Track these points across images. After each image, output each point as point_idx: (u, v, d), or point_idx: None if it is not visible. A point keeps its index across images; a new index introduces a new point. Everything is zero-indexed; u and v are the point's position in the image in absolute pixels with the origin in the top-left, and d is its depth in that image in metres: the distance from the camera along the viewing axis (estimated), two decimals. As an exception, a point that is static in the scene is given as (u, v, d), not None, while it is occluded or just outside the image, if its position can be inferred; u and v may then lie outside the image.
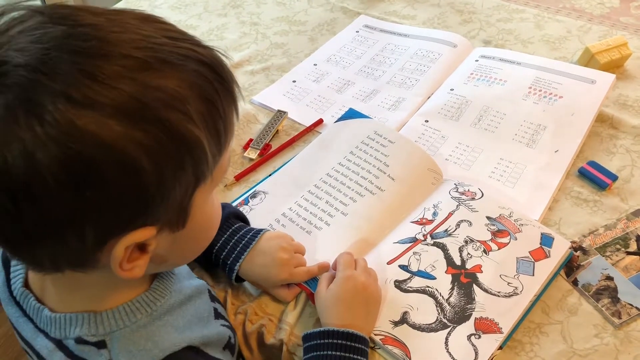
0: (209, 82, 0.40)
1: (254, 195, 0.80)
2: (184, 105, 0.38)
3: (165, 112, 0.37)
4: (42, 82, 0.34)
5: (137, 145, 0.36)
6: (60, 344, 0.47)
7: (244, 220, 0.73)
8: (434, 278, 0.67)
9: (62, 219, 0.36)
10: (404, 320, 0.64)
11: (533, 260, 0.69)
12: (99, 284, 0.47)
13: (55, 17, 0.37)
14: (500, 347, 0.63)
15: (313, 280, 0.68)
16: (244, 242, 0.68)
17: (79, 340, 0.45)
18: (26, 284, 0.50)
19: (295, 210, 0.77)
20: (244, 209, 0.78)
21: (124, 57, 0.36)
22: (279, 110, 0.95)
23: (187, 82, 0.38)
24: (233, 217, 0.71)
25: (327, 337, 0.59)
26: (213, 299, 0.60)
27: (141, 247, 0.42)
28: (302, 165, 0.83)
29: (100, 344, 0.45)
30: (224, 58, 0.43)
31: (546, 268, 0.68)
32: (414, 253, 0.70)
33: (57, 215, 0.36)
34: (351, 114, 0.91)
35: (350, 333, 0.59)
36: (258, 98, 1.00)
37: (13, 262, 0.51)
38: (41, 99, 0.34)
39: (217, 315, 0.58)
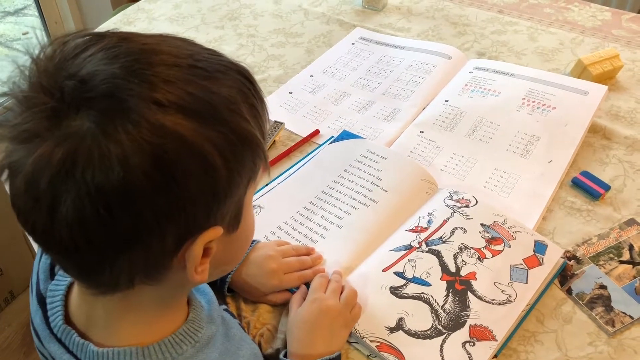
0: (248, 89, 0.43)
1: (250, 207, 0.81)
2: (239, 107, 0.41)
3: (229, 114, 0.40)
4: (131, 89, 0.36)
5: (212, 144, 0.38)
6: None
7: None
8: (429, 285, 0.68)
9: (151, 221, 0.38)
10: (399, 326, 0.64)
11: (527, 268, 0.69)
12: (152, 305, 0.47)
13: (120, 38, 0.40)
14: (495, 356, 0.63)
15: (307, 286, 0.69)
16: None
17: None
18: (67, 321, 0.49)
19: (291, 224, 0.78)
20: (240, 221, 0.78)
21: (190, 67, 0.40)
22: (275, 121, 0.96)
23: (235, 89, 0.42)
24: None
25: None
26: (233, 316, 0.60)
27: (205, 252, 0.43)
28: (298, 184, 0.84)
29: None
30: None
31: (540, 275, 0.69)
32: (409, 260, 0.70)
33: (147, 217, 0.37)
34: (345, 136, 0.92)
35: None
36: (255, 109, 1.01)
37: (49, 300, 0.50)
38: (132, 104, 0.36)
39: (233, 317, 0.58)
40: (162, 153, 0.36)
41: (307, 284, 0.69)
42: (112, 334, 0.47)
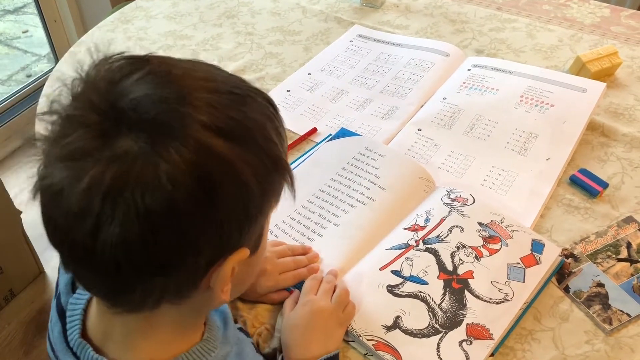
0: (273, 114, 0.45)
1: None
2: (269, 132, 0.43)
3: (262, 139, 0.42)
4: (181, 112, 0.38)
5: (250, 168, 0.39)
6: None
7: None
8: (426, 283, 0.68)
9: (191, 242, 0.38)
10: (396, 325, 0.64)
11: (524, 267, 0.69)
12: (171, 325, 0.47)
13: (162, 63, 0.42)
14: (492, 354, 0.63)
15: (302, 284, 0.69)
16: None
17: None
18: (83, 335, 0.49)
19: (288, 222, 0.78)
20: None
21: (227, 92, 0.41)
22: (273, 119, 0.96)
23: (265, 115, 0.43)
24: None
25: None
26: (258, 350, 0.60)
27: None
28: (295, 182, 0.84)
29: None
30: None
31: (537, 274, 0.69)
32: (406, 259, 0.70)
33: (188, 238, 0.38)
34: (342, 133, 0.92)
35: None
36: (252, 107, 1.01)
37: (69, 314, 0.50)
38: (182, 127, 0.37)
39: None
40: (207, 174, 0.37)
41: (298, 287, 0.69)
42: (129, 350, 0.47)
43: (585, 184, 0.82)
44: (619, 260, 0.73)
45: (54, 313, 0.53)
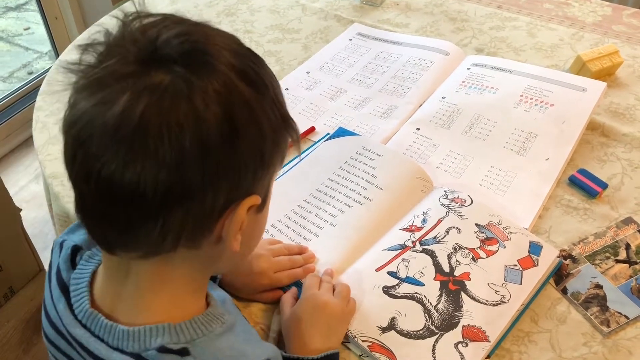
0: (278, 84, 0.48)
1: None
2: (278, 91, 0.46)
3: (275, 94, 0.45)
4: (212, 52, 0.41)
5: (265, 115, 0.43)
6: (139, 357, 0.46)
7: None
8: (423, 285, 0.67)
9: (212, 173, 0.40)
10: (391, 326, 0.64)
11: (521, 269, 0.69)
12: (180, 282, 0.48)
13: (185, 18, 0.44)
14: (489, 356, 0.63)
15: (297, 284, 0.68)
16: None
17: (162, 349, 0.45)
18: (92, 305, 0.49)
19: (285, 222, 0.77)
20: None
21: (248, 49, 0.45)
22: (271, 118, 0.95)
23: (274, 78, 0.47)
24: None
25: None
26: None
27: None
28: (292, 182, 0.84)
29: (183, 352, 0.46)
30: None
31: (534, 277, 0.68)
32: (403, 260, 0.70)
33: (210, 168, 0.40)
34: (341, 133, 0.91)
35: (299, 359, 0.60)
36: (250, 106, 1.00)
37: (72, 288, 0.51)
38: (214, 62, 0.40)
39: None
40: (233, 111, 0.40)
41: (298, 284, 0.68)
42: (142, 311, 0.47)
43: (584, 185, 0.82)
44: (618, 261, 0.73)
45: (55, 290, 0.52)
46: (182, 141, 0.38)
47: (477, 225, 0.73)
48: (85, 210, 0.43)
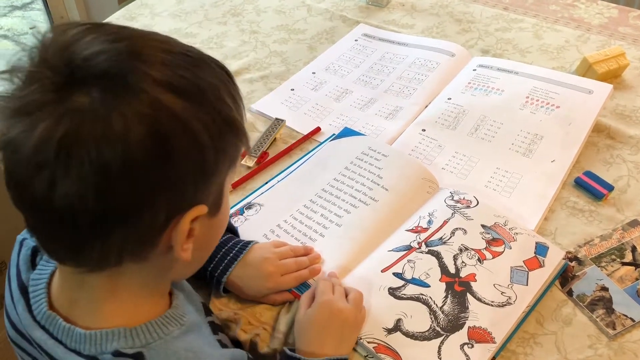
0: (228, 81, 0.47)
1: (249, 207, 0.80)
2: (223, 95, 0.44)
3: (215, 100, 0.43)
4: (133, 67, 0.39)
5: (202, 124, 0.41)
6: None
7: (233, 231, 0.73)
8: (428, 286, 0.67)
9: (146, 194, 0.40)
10: (397, 327, 0.64)
11: (527, 270, 0.69)
12: (136, 288, 0.48)
13: (118, 27, 0.43)
14: (494, 358, 0.63)
15: (304, 285, 0.68)
16: (231, 254, 0.68)
17: (116, 353, 0.46)
18: (51, 307, 0.50)
19: (290, 222, 0.78)
20: (239, 219, 0.78)
21: (181, 54, 0.43)
22: (276, 119, 0.95)
23: (219, 79, 0.45)
24: None
25: None
26: (216, 330, 0.60)
27: (189, 233, 0.46)
28: (298, 182, 0.84)
29: (138, 356, 0.47)
30: None
31: (540, 278, 0.68)
32: (409, 261, 0.70)
33: (143, 189, 0.40)
34: (346, 133, 0.91)
35: None
36: (256, 106, 1.01)
37: (32, 289, 0.51)
38: (133, 80, 0.39)
39: (223, 346, 0.58)
40: (160, 128, 0.39)
41: (305, 285, 0.68)
42: (98, 315, 0.48)
43: (590, 187, 0.82)
44: (624, 264, 0.72)
45: (15, 292, 0.53)
46: (104, 164, 0.37)
47: (482, 226, 0.73)
48: (31, 228, 0.43)
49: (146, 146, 0.38)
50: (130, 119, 0.38)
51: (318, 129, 0.95)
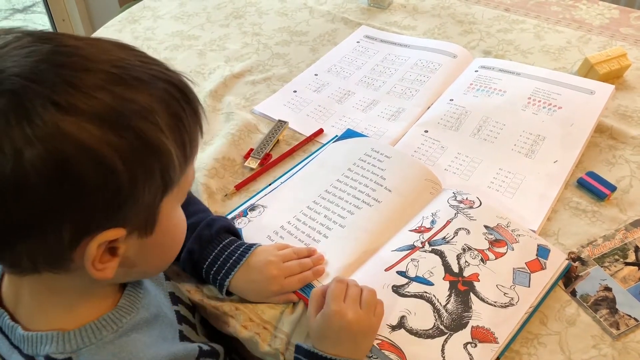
0: (175, 99, 0.45)
1: (252, 208, 0.80)
2: (154, 116, 0.43)
3: (137, 122, 0.42)
4: (32, 89, 0.39)
5: (112, 149, 0.40)
6: None
7: (236, 234, 0.73)
8: (432, 284, 0.67)
9: (43, 216, 0.40)
10: (401, 324, 0.64)
11: (529, 272, 0.69)
12: (72, 291, 0.49)
13: (43, 38, 0.42)
14: (498, 358, 0.63)
15: (308, 287, 0.68)
16: (234, 258, 0.68)
17: (48, 358, 0.47)
18: (0, 303, 0.51)
19: (294, 224, 0.78)
20: (242, 221, 0.78)
21: (102, 72, 0.41)
22: (279, 120, 0.96)
23: (157, 98, 0.44)
24: (224, 232, 0.70)
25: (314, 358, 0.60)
26: (181, 320, 0.60)
27: (112, 251, 0.46)
28: (301, 184, 0.84)
29: None
30: (190, 83, 0.48)
31: (542, 280, 0.68)
32: (412, 260, 0.70)
33: (39, 211, 0.40)
34: (349, 134, 0.91)
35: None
36: (259, 108, 1.01)
37: None
38: (31, 103, 0.38)
39: (183, 338, 0.59)
40: (56, 152, 0.38)
41: (310, 286, 0.69)
42: (36, 317, 0.49)
43: (593, 187, 0.82)
44: (627, 264, 0.73)
45: None
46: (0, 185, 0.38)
47: (485, 227, 0.73)
48: None
49: (39, 170, 0.38)
50: (22, 143, 0.37)
51: (321, 131, 0.95)
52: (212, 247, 0.68)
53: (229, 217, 0.79)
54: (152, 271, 0.57)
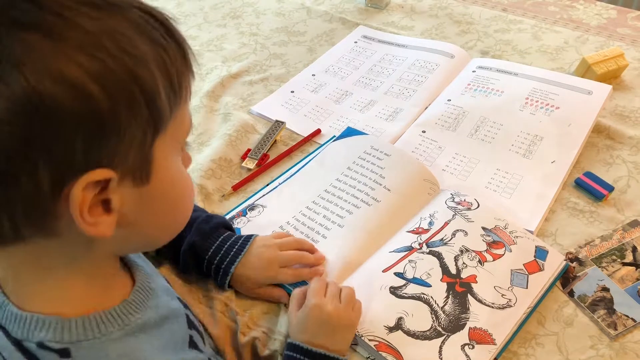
0: (154, 28, 0.40)
1: (252, 208, 0.80)
2: (129, 40, 0.38)
3: (109, 42, 0.37)
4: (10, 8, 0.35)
5: (84, 70, 0.35)
6: (20, 345, 0.43)
7: (232, 230, 0.74)
8: (430, 285, 0.67)
9: (14, 153, 0.35)
10: (398, 326, 0.64)
11: (527, 273, 0.69)
12: (68, 267, 0.44)
13: None
14: (495, 359, 0.63)
15: (301, 284, 0.68)
16: (236, 247, 0.68)
17: (41, 345, 0.42)
18: None
19: (293, 224, 0.78)
20: (242, 220, 0.78)
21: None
22: (277, 121, 0.96)
23: (132, 23, 0.39)
24: (222, 227, 0.71)
25: (305, 353, 0.60)
26: (190, 325, 0.57)
27: (106, 205, 0.40)
28: (300, 183, 0.84)
29: (64, 353, 0.43)
30: (173, 21, 0.44)
31: (540, 281, 0.68)
32: (410, 261, 0.70)
33: (8, 147, 0.35)
34: (349, 132, 0.91)
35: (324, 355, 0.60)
36: (256, 108, 1.01)
37: None
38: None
39: (192, 344, 0.55)
40: (20, 75, 0.34)
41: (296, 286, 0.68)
42: (29, 297, 0.44)
43: (590, 187, 0.82)
44: (624, 264, 0.73)
45: None
46: None
47: (483, 228, 0.73)
48: None
49: (10, 98, 0.33)
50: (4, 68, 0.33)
51: (318, 131, 0.95)
52: (212, 240, 0.69)
53: (227, 217, 0.79)
54: (158, 235, 0.50)
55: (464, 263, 0.69)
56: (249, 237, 0.70)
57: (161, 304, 0.52)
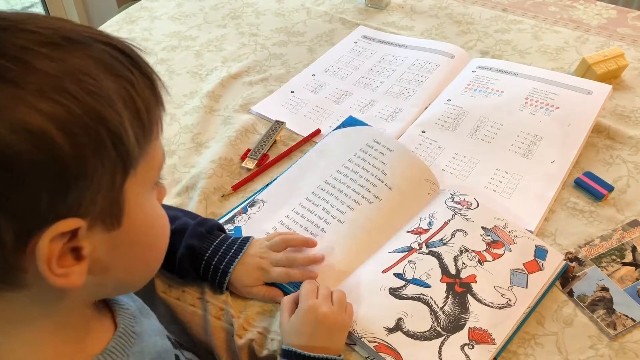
0: (119, 61, 0.39)
1: (252, 204, 0.80)
2: (92, 79, 0.36)
3: (72, 85, 0.35)
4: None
5: (44, 117, 0.33)
6: None
7: (225, 233, 0.74)
8: (429, 286, 0.67)
9: None
10: (398, 327, 0.64)
11: (527, 273, 0.69)
12: (39, 320, 0.41)
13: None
14: (495, 359, 0.63)
15: (294, 286, 0.69)
16: (234, 248, 0.69)
17: None
18: None
19: (293, 217, 0.78)
20: (243, 218, 0.78)
21: (28, 32, 0.35)
22: (276, 121, 0.96)
23: (95, 59, 0.37)
24: (216, 230, 0.71)
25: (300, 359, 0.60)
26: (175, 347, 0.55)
27: (76, 253, 0.38)
28: (300, 173, 0.84)
29: None
30: (138, 50, 0.42)
31: (539, 281, 0.68)
32: (409, 262, 0.70)
33: None
34: (350, 122, 0.91)
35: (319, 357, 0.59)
36: (256, 108, 1.01)
37: None
38: None
39: None
40: None
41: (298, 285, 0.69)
42: (3, 354, 0.41)
43: (590, 187, 0.82)
44: (624, 264, 0.73)
45: None
46: None
47: (483, 228, 0.73)
48: None
49: None
50: None
51: (318, 131, 0.95)
52: (209, 241, 0.69)
53: (228, 216, 0.79)
54: (133, 279, 0.47)
55: (463, 263, 0.69)
56: (246, 239, 0.70)
57: (147, 349, 0.49)
